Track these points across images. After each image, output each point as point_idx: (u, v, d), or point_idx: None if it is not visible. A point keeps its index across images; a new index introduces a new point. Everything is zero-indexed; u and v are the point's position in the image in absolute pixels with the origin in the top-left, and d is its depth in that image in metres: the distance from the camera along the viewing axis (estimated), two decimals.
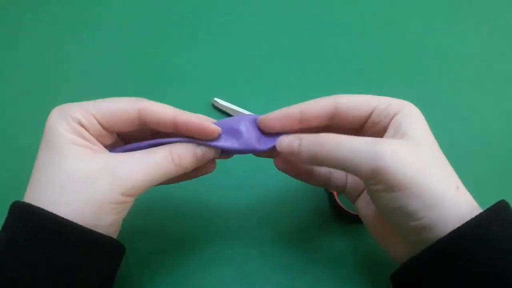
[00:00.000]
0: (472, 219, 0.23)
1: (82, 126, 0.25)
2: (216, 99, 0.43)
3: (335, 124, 0.28)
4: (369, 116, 0.27)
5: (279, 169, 0.30)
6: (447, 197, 0.24)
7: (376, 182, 0.24)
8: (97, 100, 0.26)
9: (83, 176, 0.24)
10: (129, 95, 0.43)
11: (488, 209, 0.24)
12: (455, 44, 0.49)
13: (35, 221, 0.23)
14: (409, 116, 0.26)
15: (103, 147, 0.26)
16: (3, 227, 0.24)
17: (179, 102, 0.41)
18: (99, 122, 0.26)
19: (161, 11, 0.51)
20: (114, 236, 0.26)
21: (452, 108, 0.44)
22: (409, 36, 0.50)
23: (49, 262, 0.23)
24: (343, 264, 0.34)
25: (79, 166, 0.24)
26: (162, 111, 0.26)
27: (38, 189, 0.24)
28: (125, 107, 0.26)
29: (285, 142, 0.27)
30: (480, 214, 0.23)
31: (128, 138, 0.29)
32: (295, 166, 0.30)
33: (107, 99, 0.27)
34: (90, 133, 0.25)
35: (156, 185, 0.26)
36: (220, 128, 0.27)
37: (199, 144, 0.27)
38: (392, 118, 0.27)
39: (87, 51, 0.47)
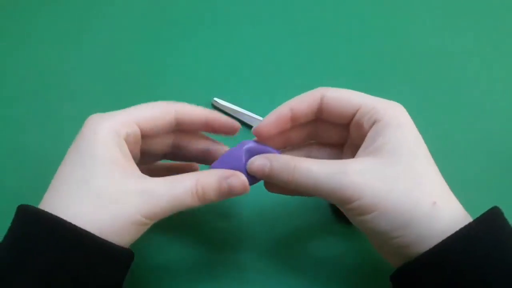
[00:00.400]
0: (455, 233, 0.23)
1: (126, 140, 0.26)
2: (215, 99, 0.43)
3: (324, 119, 0.29)
4: (354, 115, 0.27)
5: (270, 191, 0.30)
6: (420, 215, 0.23)
7: (347, 208, 0.25)
8: (136, 106, 0.27)
9: (112, 194, 0.24)
10: (130, 95, 0.43)
11: (477, 218, 0.24)
12: (455, 44, 0.49)
13: (51, 229, 0.23)
14: (388, 127, 0.25)
15: (134, 164, 0.26)
16: (11, 230, 0.24)
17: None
18: (141, 129, 0.27)
19: (161, 11, 0.51)
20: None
21: (452, 108, 0.44)
22: (409, 36, 0.50)
23: (59, 270, 0.22)
24: (342, 265, 0.34)
25: (110, 184, 0.24)
26: (196, 110, 0.28)
27: (63, 199, 0.24)
28: (164, 110, 0.27)
29: (255, 165, 0.27)
30: (465, 226, 0.23)
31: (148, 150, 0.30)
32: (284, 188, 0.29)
33: (144, 104, 0.28)
34: (128, 142, 0.26)
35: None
36: (239, 124, 0.30)
37: (227, 178, 0.26)
38: (373, 125, 0.26)
39: (87, 51, 0.47)
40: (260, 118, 0.42)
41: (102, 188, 0.24)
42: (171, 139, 0.30)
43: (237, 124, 0.30)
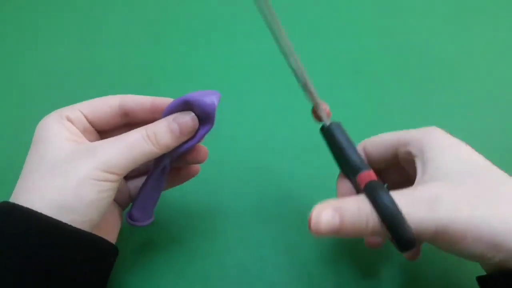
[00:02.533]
0: None
1: (69, 120, 0.26)
2: None
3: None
4: (395, 157, 0.27)
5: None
6: (509, 229, 0.21)
7: (436, 240, 0.22)
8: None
9: (64, 158, 0.24)
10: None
11: None
12: (455, 44, 0.49)
13: (18, 222, 0.23)
14: (431, 152, 0.24)
15: (86, 140, 0.27)
16: None
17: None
18: (85, 116, 0.27)
19: (161, 12, 0.51)
20: (95, 223, 0.25)
21: (452, 108, 0.44)
22: (409, 36, 0.50)
23: (35, 266, 0.22)
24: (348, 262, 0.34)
25: (61, 152, 0.24)
26: (140, 96, 0.28)
27: (23, 181, 0.24)
28: (107, 99, 0.28)
29: (324, 221, 0.22)
30: None
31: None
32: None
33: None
34: (76, 127, 0.26)
35: (139, 165, 0.26)
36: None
37: (173, 118, 0.26)
38: (415, 157, 0.25)
39: (88, 51, 0.48)
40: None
41: (53, 160, 0.24)
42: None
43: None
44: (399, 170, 0.29)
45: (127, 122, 0.29)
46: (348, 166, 0.25)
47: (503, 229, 0.21)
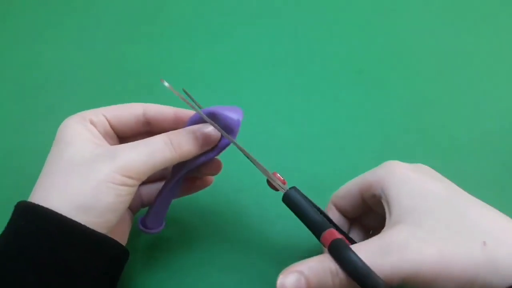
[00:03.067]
0: None
1: (92, 123, 0.26)
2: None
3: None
4: (365, 203, 0.27)
5: None
6: (475, 263, 0.21)
7: (408, 285, 0.22)
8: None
9: (84, 160, 0.24)
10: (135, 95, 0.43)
11: None
12: (455, 44, 0.49)
13: (38, 221, 0.23)
14: (391, 191, 0.24)
15: (107, 143, 0.27)
16: (7, 226, 0.24)
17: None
18: (108, 120, 0.27)
19: (161, 11, 0.51)
20: (111, 225, 0.25)
21: (452, 108, 0.44)
22: (409, 36, 0.50)
23: (54, 266, 0.23)
24: None
25: (82, 153, 0.24)
26: (163, 106, 0.29)
27: (43, 181, 0.25)
28: (131, 106, 0.29)
29: (289, 286, 0.21)
30: None
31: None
32: None
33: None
34: (98, 130, 0.27)
35: (158, 170, 0.26)
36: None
37: (198, 128, 0.27)
38: (383, 201, 0.25)
39: (88, 52, 0.48)
40: None
41: (75, 161, 0.24)
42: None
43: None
44: (374, 214, 0.28)
45: (148, 130, 0.29)
46: (313, 229, 0.25)
47: (471, 264, 0.21)
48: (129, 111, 0.28)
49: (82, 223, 0.23)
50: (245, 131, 0.40)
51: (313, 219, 0.25)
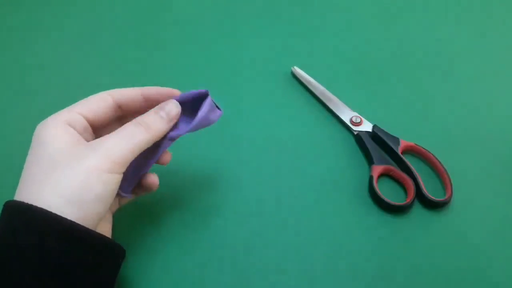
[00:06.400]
0: None
1: (70, 125, 0.27)
2: (295, 67, 0.45)
3: None
4: None
5: None
6: None
7: None
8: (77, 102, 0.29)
9: (67, 156, 0.25)
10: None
11: None
12: (455, 44, 0.49)
13: (34, 223, 0.23)
14: None
15: (85, 141, 0.27)
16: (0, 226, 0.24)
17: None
18: (84, 117, 0.28)
19: (161, 11, 0.51)
20: (101, 217, 0.26)
21: (452, 108, 0.44)
22: (409, 36, 0.50)
23: (52, 267, 0.23)
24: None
25: (62, 151, 0.25)
26: (128, 89, 0.30)
27: (28, 179, 0.25)
28: (100, 96, 0.29)
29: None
30: None
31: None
32: None
33: (83, 99, 0.29)
34: (76, 130, 0.27)
35: (136, 155, 0.27)
36: (178, 91, 0.31)
37: (160, 108, 0.29)
38: None
39: (88, 52, 0.48)
40: (332, 95, 0.43)
41: (57, 156, 0.25)
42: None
43: (175, 90, 0.31)
44: None
45: (120, 115, 0.31)
46: None
47: None
48: (102, 103, 0.29)
49: (74, 217, 0.23)
50: (244, 130, 0.41)
51: None
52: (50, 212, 0.23)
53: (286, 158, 0.39)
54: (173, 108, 0.29)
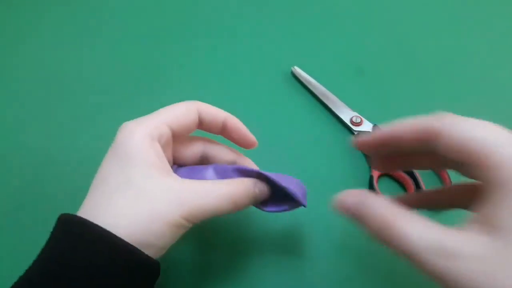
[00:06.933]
0: None
1: (157, 137, 0.26)
2: (295, 67, 0.45)
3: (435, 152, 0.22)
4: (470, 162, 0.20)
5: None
6: None
7: None
8: (162, 109, 0.28)
9: (151, 193, 0.24)
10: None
11: None
12: (456, 43, 0.49)
13: (88, 237, 0.22)
14: (508, 194, 0.18)
15: (169, 167, 0.26)
16: (51, 238, 0.23)
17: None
18: (172, 130, 0.27)
19: (161, 11, 0.51)
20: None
21: (452, 108, 0.43)
22: (410, 36, 0.50)
23: (96, 281, 0.22)
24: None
25: (148, 184, 0.24)
26: (214, 108, 0.29)
27: (102, 198, 0.24)
28: (188, 108, 0.28)
29: (349, 201, 0.23)
30: None
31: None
32: None
33: (168, 106, 0.28)
34: (161, 145, 0.26)
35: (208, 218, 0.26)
36: (256, 141, 0.30)
37: (255, 185, 0.27)
38: (489, 184, 0.19)
39: (89, 52, 0.48)
40: (332, 95, 0.43)
41: (141, 188, 0.24)
42: (201, 147, 0.30)
43: (254, 140, 0.30)
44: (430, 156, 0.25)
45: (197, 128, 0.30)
46: None
47: None
48: (189, 117, 0.28)
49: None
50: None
51: None
52: (123, 241, 0.22)
53: (285, 158, 0.39)
54: (265, 192, 0.28)
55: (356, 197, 0.23)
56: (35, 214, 0.36)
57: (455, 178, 0.37)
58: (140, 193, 0.23)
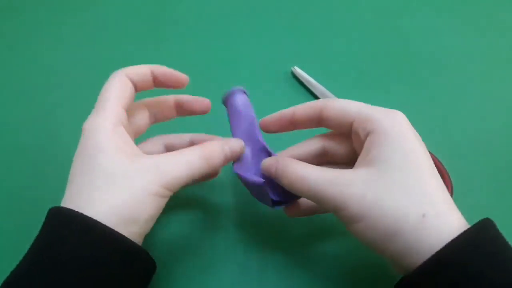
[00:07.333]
0: (442, 249, 0.22)
1: (120, 122, 0.27)
2: (295, 67, 0.45)
3: (326, 127, 0.30)
4: (351, 125, 0.27)
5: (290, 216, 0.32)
6: (406, 227, 0.23)
7: (337, 216, 0.25)
8: (103, 92, 0.29)
9: (125, 172, 0.25)
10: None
11: (465, 232, 0.22)
12: (456, 43, 0.49)
13: (73, 227, 0.23)
14: (382, 137, 0.25)
15: (138, 148, 0.27)
16: (47, 232, 0.24)
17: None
18: (125, 107, 0.28)
19: (160, 11, 0.51)
20: (144, 235, 0.26)
21: (452, 108, 0.44)
22: (409, 36, 0.50)
23: (92, 277, 0.22)
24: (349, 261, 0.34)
25: (117, 165, 0.25)
26: (140, 66, 0.31)
27: (79, 188, 0.25)
28: (121, 80, 0.29)
29: (265, 165, 0.29)
30: (453, 240, 0.22)
31: None
32: (301, 210, 0.31)
33: (105, 87, 0.29)
34: (124, 126, 0.27)
35: (190, 183, 0.27)
36: (187, 77, 0.31)
37: (225, 144, 0.29)
38: (367, 136, 0.26)
39: (89, 52, 0.48)
40: (332, 95, 0.44)
41: (115, 173, 0.24)
42: (147, 119, 0.32)
43: (184, 76, 0.31)
44: (346, 146, 0.30)
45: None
46: None
47: (400, 223, 0.23)
48: (130, 87, 0.29)
49: (125, 234, 0.24)
50: None
51: None
52: (101, 224, 0.23)
53: None
54: (237, 148, 0.29)
55: (275, 161, 0.28)
56: (35, 214, 0.36)
57: (454, 178, 0.37)
58: (115, 178, 0.24)
